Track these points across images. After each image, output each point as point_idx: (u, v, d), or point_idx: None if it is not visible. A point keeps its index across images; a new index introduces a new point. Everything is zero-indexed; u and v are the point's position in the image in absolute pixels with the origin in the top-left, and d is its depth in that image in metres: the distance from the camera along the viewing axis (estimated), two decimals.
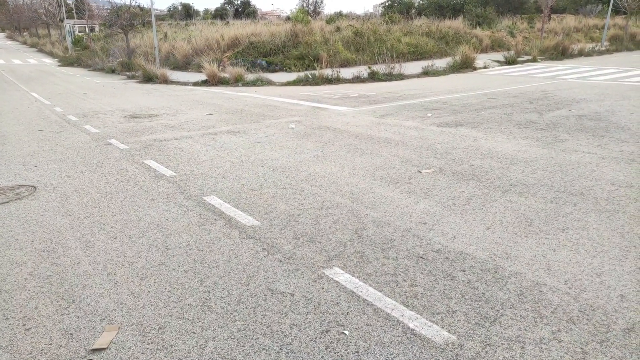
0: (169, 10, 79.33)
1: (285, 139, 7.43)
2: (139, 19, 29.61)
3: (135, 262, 3.34)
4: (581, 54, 22.64)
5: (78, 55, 33.19)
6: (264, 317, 2.65)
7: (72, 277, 3.16)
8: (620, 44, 25.85)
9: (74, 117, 10.24)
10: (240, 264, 3.26)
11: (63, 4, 40.95)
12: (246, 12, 69.98)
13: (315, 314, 2.66)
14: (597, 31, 31.00)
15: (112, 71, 24.49)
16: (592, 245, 3.41)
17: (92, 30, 44.70)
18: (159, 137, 7.73)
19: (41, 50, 45.78)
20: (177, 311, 2.73)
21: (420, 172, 5.41)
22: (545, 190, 4.67)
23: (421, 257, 3.27)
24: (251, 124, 8.86)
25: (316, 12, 63.15)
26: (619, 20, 33.14)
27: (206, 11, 79.15)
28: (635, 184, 4.78)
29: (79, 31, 46.48)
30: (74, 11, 49.80)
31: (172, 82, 18.72)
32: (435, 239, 3.57)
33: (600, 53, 23.81)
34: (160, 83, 18.81)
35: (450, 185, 4.90)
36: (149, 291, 2.95)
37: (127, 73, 22.71)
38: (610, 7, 26.49)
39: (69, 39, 41.95)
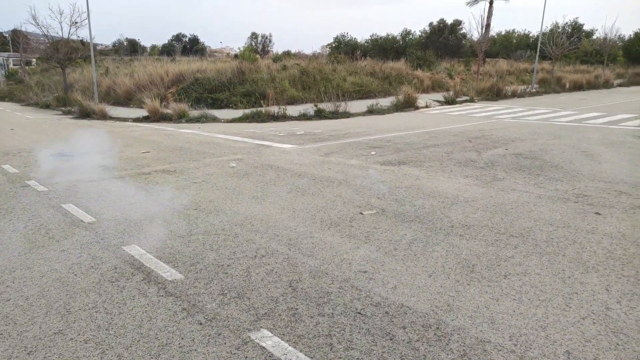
0: (114, 45, 77.76)
1: (225, 178, 7.06)
2: (78, 53, 28.58)
3: (26, 332, 2.82)
4: (514, 95, 24.05)
5: (10, 90, 31.37)
6: None
7: None
8: (549, 86, 27.80)
9: None
10: (153, 329, 2.82)
11: None
12: (194, 49, 69.81)
13: None
14: (528, 74, 33.29)
15: (47, 106, 23.20)
16: (535, 293, 3.27)
17: (28, 63, 42.67)
18: (84, 178, 7.13)
19: None
20: None
21: (362, 213, 5.21)
22: (486, 231, 4.58)
23: (359, 313, 2.98)
24: (190, 162, 8.43)
25: (265, 51, 64.11)
26: (546, 65, 35.86)
27: (153, 47, 78.25)
28: (572, 224, 4.80)
29: (14, 64, 44.27)
30: (10, 44, 47.52)
31: (112, 118, 17.91)
32: (375, 290, 3.31)
33: (532, 94, 25.43)
34: (98, 119, 17.93)
35: (392, 227, 4.71)
36: None
37: (63, 108, 21.56)
38: (538, 53, 28.60)
39: (1, 72, 39.78)
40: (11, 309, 3.10)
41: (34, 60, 42.88)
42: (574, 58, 43.17)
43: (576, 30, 47.23)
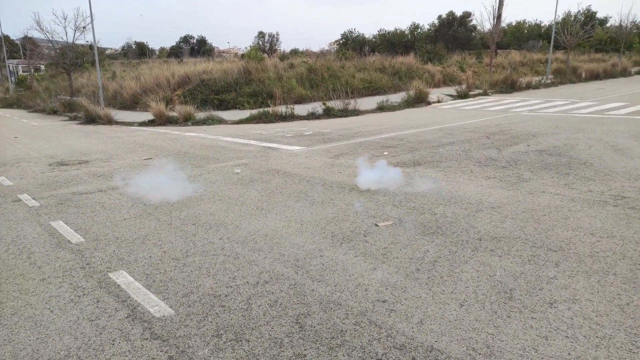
0: (122, 49, 77.98)
1: (228, 187, 6.59)
2: (85, 57, 28.36)
3: None
4: (529, 86, 23.27)
5: (19, 96, 31.34)
6: None
7: None
8: (564, 77, 26.91)
9: None
10: None
11: (3, 44, 39.04)
12: (202, 50, 69.62)
13: None
14: (541, 65, 32.36)
15: (54, 112, 23.02)
16: (591, 328, 2.73)
17: (37, 70, 42.73)
18: (80, 190, 6.71)
19: None
20: None
21: (377, 225, 4.69)
22: (519, 245, 4.03)
23: None
24: (193, 169, 7.97)
25: (272, 50, 63.66)
26: (560, 55, 34.84)
27: (162, 50, 78.29)
28: (616, 232, 4.23)
29: (23, 71, 44.40)
30: (20, 51, 47.67)
31: (117, 123, 17.60)
32: (397, 327, 2.79)
33: (547, 86, 24.61)
34: (103, 124, 17.64)
35: (412, 242, 4.19)
36: None
37: (69, 114, 21.35)
38: (552, 43, 27.70)
39: (11, 79, 39.88)
40: None
41: (43, 66, 42.94)
42: (588, 47, 41.98)
43: (589, 18, 45.97)
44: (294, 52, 41.42)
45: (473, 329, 2.74)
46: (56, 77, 33.51)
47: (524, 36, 51.32)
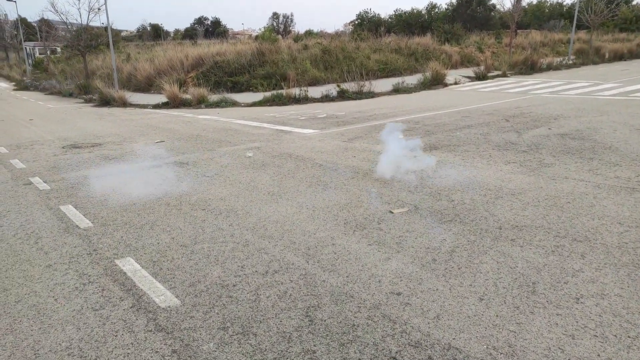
0: (138, 31, 77.92)
1: (239, 171, 6.46)
2: (100, 39, 28.31)
3: None
4: (550, 68, 22.57)
5: (35, 79, 31.57)
6: None
7: None
8: (586, 57, 26.03)
9: (5, 149, 9.04)
10: None
11: (20, 26, 39.24)
12: (216, 32, 69.18)
13: None
14: (563, 45, 31.35)
15: (70, 94, 23.13)
16: (622, 326, 2.54)
17: (53, 52, 42.95)
18: (91, 173, 6.65)
19: None
20: None
21: (391, 212, 4.52)
22: (542, 234, 3.83)
23: (393, 359, 2.33)
24: (204, 152, 7.87)
25: (287, 31, 62.92)
26: (582, 34, 33.66)
27: (176, 32, 78.02)
28: None
29: (40, 54, 44.66)
30: (38, 33, 47.91)
31: (131, 105, 17.59)
32: (412, 322, 2.64)
33: (568, 67, 23.83)
34: (118, 106, 17.64)
35: (428, 230, 4.02)
36: None
37: (84, 96, 21.42)
38: (575, 22, 26.73)
39: (28, 61, 40.17)
40: None
41: (59, 48, 43.11)
42: (612, 26, 40.48)
43: None
44: (309, 34, 40.77)
45: (494, 326, 2.57)
46: (72, 60, 33.62)
47: (544, 16, 49.74)
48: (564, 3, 51.88)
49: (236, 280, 3.23)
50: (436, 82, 17.54)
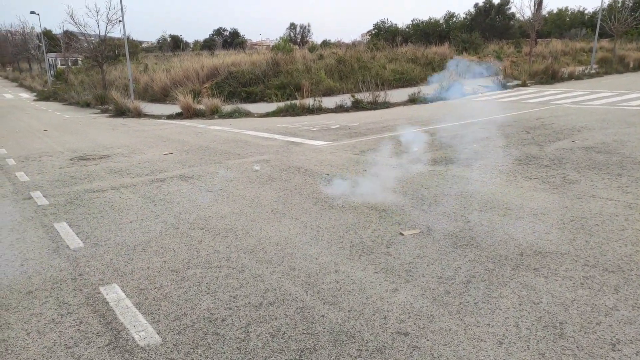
0: (158, 42, 79.18)
1: (244, 185, 6.20)
2: (119, 50, 28.69)
3: None
4: (571, 77, 21.91)
5: (55, 89, 32.10)
6: None
7: None
8: (610, 66, 25.25)
9: (13, 160, 8.97)
10: None
11: (43, 38, 40.13)
12: (234, 42, 69.83)
13: None
14: (585, 54, 30.57)
15: (87, 105, 23.37)
16: None
17: (75, 63, 43.79)
18: (94, 187, 6.47)
19: (21, 85, 44.76)
20: None
21: (402, 233, 4.18)
22: (569, 263, 3.44)
23: None
24: (211, 165, 7.64)
25: (304, 42, 63.09)
26: (605, 43, 32.82)
27: (196, 42, 79.06)
28: None
29: (61, 64, 45.58)
30: (61, 45, 49.00)
31: (146, 116, 17.61)
32: None
33: (591, 76, 23.11)
34: (132, 117, 17.68)
35: (442, 256, 3.66)
36: None
37: (101, 107, 21.60)
38: (598, 30, 26.03)
39: (49, 72, 40.96)
40: None
41: (80, 59, 43.93)
42: (637, 34, 39.43)
43: (638, 4, 43.17)
44: (325, 44, 40.73)
45: None
46: (91, 70, 34.16)
47: (565, 24, 48.81)
48: (586, 12, 50.91)
49: (226, 313, 2.92)
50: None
